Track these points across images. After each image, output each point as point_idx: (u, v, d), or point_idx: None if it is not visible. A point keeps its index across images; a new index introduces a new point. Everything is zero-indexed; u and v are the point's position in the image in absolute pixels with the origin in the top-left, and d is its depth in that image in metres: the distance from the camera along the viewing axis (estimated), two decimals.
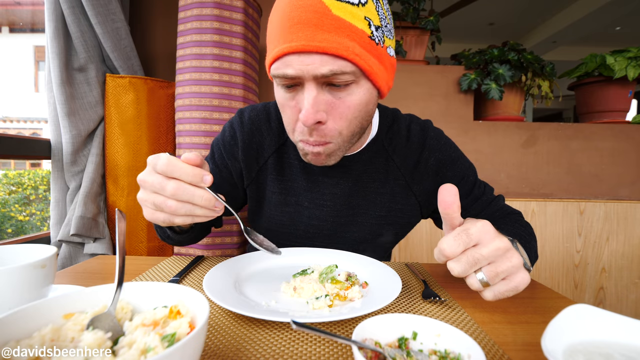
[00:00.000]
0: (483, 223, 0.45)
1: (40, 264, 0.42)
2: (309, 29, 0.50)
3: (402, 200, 0.75)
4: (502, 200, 0.79)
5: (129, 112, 1.42)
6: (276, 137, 0.74)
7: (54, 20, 1.30)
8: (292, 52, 0.51)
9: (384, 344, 0.36)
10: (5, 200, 3.53)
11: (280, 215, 0.75)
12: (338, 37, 0.50)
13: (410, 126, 0.75)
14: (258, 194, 0.77)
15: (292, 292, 0.54)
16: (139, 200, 0.50)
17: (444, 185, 0.45)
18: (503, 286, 0.45)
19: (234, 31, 1.37)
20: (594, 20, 4.81)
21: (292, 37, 0.50)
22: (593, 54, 1.80)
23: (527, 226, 0.72)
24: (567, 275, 1.68)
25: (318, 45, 0.49)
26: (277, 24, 0.53)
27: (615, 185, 1.80)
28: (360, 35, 0.52)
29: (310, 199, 0.74)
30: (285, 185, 0.74)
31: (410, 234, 1.67)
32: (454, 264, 0.45)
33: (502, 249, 0.44)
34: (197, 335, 0.28)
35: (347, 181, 0.73)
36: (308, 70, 0.51)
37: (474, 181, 0.77)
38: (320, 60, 0.51)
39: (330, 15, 0.50)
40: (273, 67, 0.55)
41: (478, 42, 6.15)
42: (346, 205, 0.74)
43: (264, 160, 0.74)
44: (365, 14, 0.52)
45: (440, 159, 0.74)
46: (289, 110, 0.58)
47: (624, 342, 0.35)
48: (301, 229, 0.76)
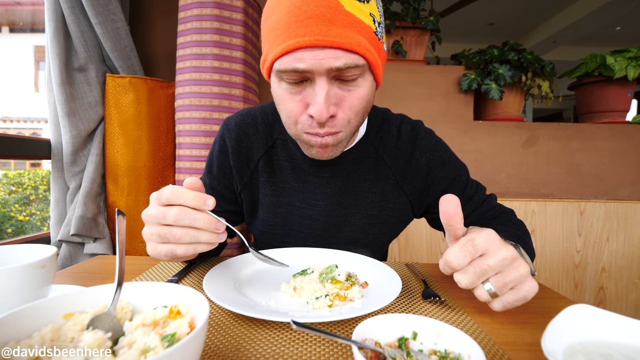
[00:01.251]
0: (488, 232, 0.44)
1: (40, 264, 0.42)
2: (322, 24, 0.50)
3: (394, 199, 0.75)
4: (494, 199, 0.79)
5: (129, 112, 1.42)
6: (264, 140, 0.75)
7: (54, 20, 1.30)
8: (305, 47, 0.51)
9: (384, 344, 0.36)
10: (5, 200, 3.53)
11: (273, 217, 0.76)
12: (350, 32, 0.51)
13: (401, 126, 0.76)
14: (251, 197, 0.77)
15: (292, 292, 0.54)
16: (144, 237, 0.50)
17: (445, 196, 0.44)
18: (512, 296, 0.45)
19: (234, 31, 1.37)
20: (594, 20, 4.81)
21: (305, 31, 0.50)
22: (593, 54, 1.80)
23: (520, 224, 0.72)
24: (567, 275, 1.68)
25: (333, 40, 0.50)
26: (282, 19, 0.52)
27: (615, 185, 1.80)
28: (368, 30, 0.53)
29: (301, 199, 0.74)
30: (277, 186, 0.75)
31: (410, 234, 1.67)
32: (462, 276, 0.44)
33: (509, 258, 0.43)
34: (197, 335, 0.28)
35: (337, 180, 0.73)
36: (322, 64, 0.51)
37: (466, 181, 0.77)
38: (334, 55, 0.51)
39: (342, 10, 0.50)
40: (279, 62, 0.54)
41: (478, 42, 6.15)
42: (338, 205, 0.74)
43: (255, 163, 0.75)
44: (370, 11, 0.54)
45: (431, 159, 0.74)
46: (291, 104, 0.57)
47: (624, 342, 0.35)
48: (294, 229, 0.76)
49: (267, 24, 0.56)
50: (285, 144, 0.74)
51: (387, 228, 0.77)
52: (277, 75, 0.56)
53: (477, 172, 1.79)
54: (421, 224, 1.68)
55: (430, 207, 0.78)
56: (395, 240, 1.67)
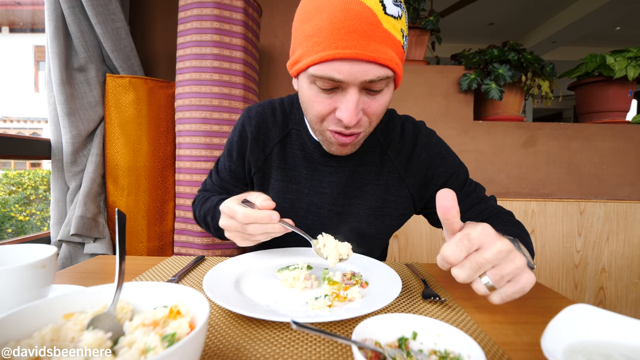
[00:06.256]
0: (483, 226, 0.45)
1: (40, 264, 0.42)
2: (362, 38, 0.54)
3: (396, 192, 0.79)
4: (494, 200, 0.81)
5: (129, 112, 1.42)
6: (280, 129, 0.80)
7: (54, 20, 1.30)
8: (344, 58, 0.55)
9: (384, 344, 0.36)
10: (5, 200, 3.53)
11: (282, 202, 0.80)
12: (385, 47, 0.56)
13: (404, 124, 0.81)
14: (262, 182, 0.83)
15: (285, 282, 0.57)
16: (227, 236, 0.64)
17: (442, 190, 0.45)
18: (509, 288, 0.45)
19: (234, 31, 1.37)
20: (594, 20, 4.80)
21: (346, 43, 0.54)
22: (593, 54, 1.80)
23: (519, 224, 0.74)
24: (567, 275, 1.68)
25: (370, 55, 0.54)
26: (324, 28, 0.55)
27: (615, 185, 1.80)
28: (398, 45, 0.58)
29: (310, 186, 0.79)
30: (288, 173, 0.80)
31: (410, 234, 1.67)
32: (458, 271, 0.45)
33: (504, 251, 0.44)
34: (197, 335, 0.28)
35: (344, 170, 0.78)
36: (357, 77, 0.56)
37: (464, 179, 0.80)
38: (368, 68, 0.56)
39: (381, 28, 0.55)
40: (316, 68, 0.58)
41: (478, 42, 6.15)
42: (343, 195, 0.79)
43: (270, 149, 0.81)
44: (401, 27, 0.59)
45: (432, 154, 0.78)
46: (320, 106, 0.62)
47: (624, 342, 0.35)
48: (301, 216, 0.80)
49: (306, 29, 0.59)
50: (299, 134, 0.80)
51: (389, 220, 0.80)
52: (310, 78, 0.60)
53: (477, 172, 1.79)
54: (421, 224, 1.68)
55: (430, 201, 0.82)
56: (395, 240, 1.67)
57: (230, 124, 1.38)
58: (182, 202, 1.41)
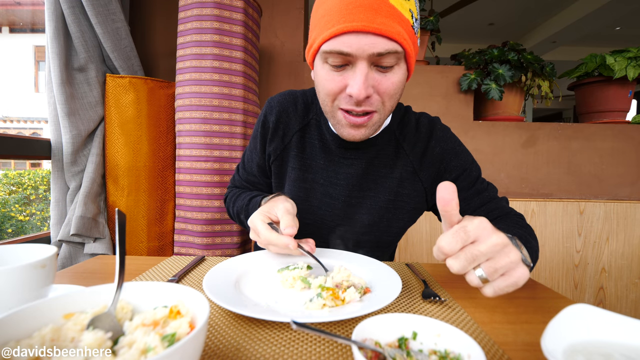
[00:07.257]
0: (480, 220, 0.45)
1: (40, 264, 0.42)
2: (369, 12, 0.57)
3: (410, 186, 0.80)
4: (505, 201, 0.81)
5: (129, 112, 1.42)
6: (300, 118, 0.82)
7: (54, 20, 1.30)
8: (351, 31, 0.57)
9: (384, 344, 0.36)
10: (5, 200, 3.53)
11: (297, 190, 0.82)
12: (392, 22, 0.58)
13: (420, 119, 0.83)
14: (281, 170, 0.84)
15: (285, 282, 0.57)
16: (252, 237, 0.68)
17: (442, 183, 0.45)
18: (502, 282, 0.45)
19: (234, 31, 1.37)
20: (594, 20, 4.80)
21: (353, 17, 0.57)
22: (593, 54, 1.80)
23: (527, 227, 0.72)
24: (567, 275, 1.68)
25: (376, 27, 0.56)
26: (334, 7, 0.59)
27: (615, 185, 1.80)
28: (406, 23, 0.60)
29: (325, 176, 0.80)
30: (305, 162, 0.82)
31: (410, 234, 1.67)
32: (453, 261, 0.45)
33: (499, 244, 0.44)
34: (197, 335, 0.28)
35: (360, 162, 0.79)
36: (365, 49, 0.58)
37: (476, 176, 0.80)
38: (376, 41, 0.58)
39: (387, 3, 0.58)
40: (327, 44, 0.60)
41: (478, 42, 6.16)
42: (357, 187, 0.80)
43: (289, 138, 0.82)
44: (410, 7, 0.61)
45: (445, 149, 0.79)
46: (332, 84, 0.64)
47: (624, 342, 0.35)
48: (315, 206, 0.81)
49: (319, 13, 0.62)
50: (318, 125, 0.81)
51: (402, 214, 0.82)
52: (323, 57, 0.63)
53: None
54: (421, 224, 1.68)
55: None
56: None
57: (230, 124, 1.38)
58: (182, 202, 1.41)
